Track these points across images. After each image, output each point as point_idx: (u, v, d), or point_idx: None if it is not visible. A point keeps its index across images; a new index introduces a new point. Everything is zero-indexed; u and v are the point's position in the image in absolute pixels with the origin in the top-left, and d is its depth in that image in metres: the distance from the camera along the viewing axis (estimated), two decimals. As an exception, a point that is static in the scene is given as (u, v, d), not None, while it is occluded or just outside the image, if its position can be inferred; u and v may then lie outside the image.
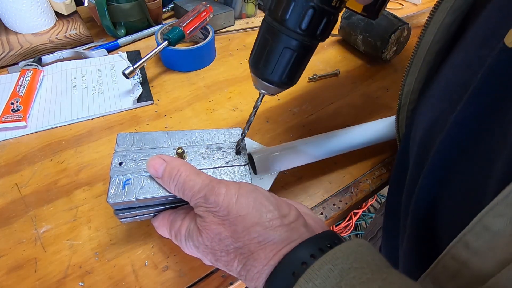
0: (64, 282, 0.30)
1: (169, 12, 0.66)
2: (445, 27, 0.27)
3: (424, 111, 0.28)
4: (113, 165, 0.28)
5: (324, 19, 0.21)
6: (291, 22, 0.21)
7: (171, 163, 0.26)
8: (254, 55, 0.25)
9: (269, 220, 0.22)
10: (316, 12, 0.20)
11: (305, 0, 0.20)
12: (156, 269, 0.31)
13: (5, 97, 0.45)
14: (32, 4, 0.52)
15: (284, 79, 0.24)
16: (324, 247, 0.20)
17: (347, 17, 0.56)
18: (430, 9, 0.70)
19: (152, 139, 0.30)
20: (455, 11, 0.26)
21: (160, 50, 0.48)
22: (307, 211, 0.27)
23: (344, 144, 0.37)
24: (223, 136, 0.31)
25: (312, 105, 0.48)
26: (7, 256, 0.31)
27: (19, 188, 0.36)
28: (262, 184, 0.32)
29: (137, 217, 0.28)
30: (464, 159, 0.21)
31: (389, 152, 0.43)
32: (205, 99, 0.48)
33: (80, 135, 0.42)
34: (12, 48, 0.51)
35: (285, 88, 0.25)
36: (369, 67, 0.56)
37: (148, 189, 0.26)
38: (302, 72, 0.25)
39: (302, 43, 0.22)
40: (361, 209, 1.26)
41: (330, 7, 0.21)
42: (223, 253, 0.23)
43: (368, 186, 0.39)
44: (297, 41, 0.22)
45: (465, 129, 0.21)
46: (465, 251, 0.17)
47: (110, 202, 0.25)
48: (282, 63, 0.23)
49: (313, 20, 0.21)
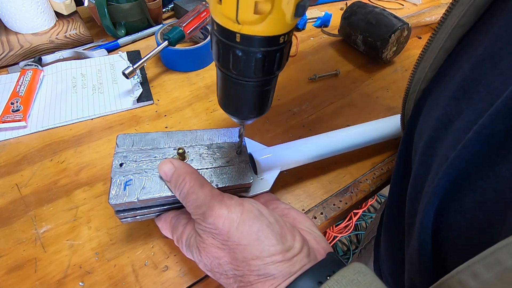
0: (64, 282, 0.30)
1: (169, 12, 0.66)
2: (474, 9, 0.23)
3: (435, 105, 0.25)
4: (114, 166, 0.27)
5: (277, 56, 0.20)
6: (245, 72, 0.20)
7: (178, 169, 0.25)
8: (222, 101, 0.25)
9: (271, 255, 0.21)
10: (266, 57, 0.20)
11: (251, 50, 0.19)
12: (156, 269, 0.31)
13: (5, 97, 0.45)
14: (32, 4, 0.51)
15: (259, 111, 0.24)
16: (323, 279, 0.20)
17: (347, 17, 0.56)
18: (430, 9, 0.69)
19: (152, 140, 0.30)
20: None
21: (160, 50, 0.48)
22: (309, 227, 0.26)
23: (345, 143, 0.37)
24: (223, 136, 0.31)
25: (312, 105, 0.48)
26: (7, 256, 0.31)
27: (19, 188, 0.36)
28: (263, 184, 0.32)
29: (138, 217, 0.28)
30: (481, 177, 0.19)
31: (389, 152, 0.43)
32: (205, 99, 0.48)
33: (80, 135, 0.42)
34: (12, 48, 0.51)
35: (261, 115, 0.25)
36: (369, 67, 0.56)
37: (149, 189, 0.26)
38: (273, 96, 0.25)
39: (263, 81, 0.22)
40: (361, 209, 1.26)
41: (278, 45, 0.20)
42: (222, 276, 0.22)
43: (368, 186, 0.39)
44: (256, 83, 0.22)
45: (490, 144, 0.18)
46: (474, 281, 0.16)
47: (112, 203, 0.25)
48: (251, 102, 0.23)
49: (266, 64, 0.20)
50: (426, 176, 0.23)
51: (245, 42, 0.19)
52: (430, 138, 0.24)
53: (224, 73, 0.22)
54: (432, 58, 0.27)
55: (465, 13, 0.23)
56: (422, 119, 0.27)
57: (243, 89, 0.22)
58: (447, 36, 0.25)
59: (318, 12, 0.68)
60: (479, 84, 0.20)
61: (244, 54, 0.19)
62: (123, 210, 0.27)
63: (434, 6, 0.66)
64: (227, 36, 0.19)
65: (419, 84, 0.29)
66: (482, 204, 0.19)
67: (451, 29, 0.25)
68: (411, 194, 0.26)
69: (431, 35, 0.27)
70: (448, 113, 0.22)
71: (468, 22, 0.24)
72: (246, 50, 0.19)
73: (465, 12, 0.23)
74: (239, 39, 0.19)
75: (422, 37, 0.65)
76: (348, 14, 0.56)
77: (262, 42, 0.19)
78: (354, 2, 0.58)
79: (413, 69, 0.30)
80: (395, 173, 0.32)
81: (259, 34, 0.18)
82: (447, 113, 0.23)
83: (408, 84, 0.31)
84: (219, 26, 0.19)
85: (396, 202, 0.32)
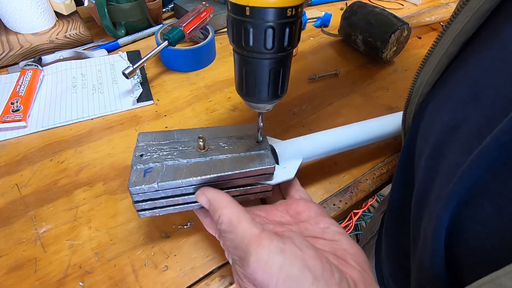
0: (64, 282, 0.30)
1: (169, 12, 0.66)
2: (479, 15, 0.23)
3: (441, 109, 0.25)
4: (134, 158, 0.27)
5: (286, 31, 0.21)
6: (256, 47, 0.22)
7: (213, 202, 0.24)
8: (238, 84, 0.26)
9: None
10: (275, 29, 0.21)
11: (261, 23, 0.20)
12: (156, 269, 0.31)
13: (5, 97, 0.45)
14: (32, 4, 0.52)
15: (273, 94, 0.25)
16: None
17: (347, 17, 0.56)
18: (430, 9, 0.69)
19: (173, 135, 0.30)
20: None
21: (160, 50, 0.48)
22: (362, 264, 0.24)
23: (365, 136, 0.36)
24: (241, 131, 0.31)
25: (312, 105, 0.48)
26: (7, 256, 0.31)
27: (19, 188, 0.36)
28: (286, 172, 0.31)
29: (157, 211, 0.27)
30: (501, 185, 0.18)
31: (389, 152, 0.43)
32: (205, 99, 0.48)
33: (80, 135, 0.42)
34: (12, 48, 0.51)
35: (279, 99, 0.26)
36: (369, 67, 0.56)
37: (170, 175, 0.25)
38: (288, 79, 0.26)
39: (275, 59, 0.23)
40: (361, 209, 1.26)
41: (287, 19, 0.21)
42: None
43: (368, 186, 0.39)
44: (269, 60, 0.23)
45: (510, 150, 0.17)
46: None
47: (131, 189, 0.25)
48: (264, 83, 0.24)
49: (276, 37, 0.21)
50: (433, 180, 0.23)
51: (254, 15, 0.20)
52: (436, 142, 0.23)
53: (239, 54, 0.23)
54: (436, 62, 0.27)
55: (469, 19, 0.23)
56: (425, 123, 0.27)
57: (256, 67, 0.23)
58: (451, 41, 0.25)
59: (318, 12, 0.68)
60: (489, 88, 0.20)
61: (254, 27, 0.21)
62: (142, 200, 0.26)
63: (434, 6, 0.66)
64: (238, 12, 0.21)
65: (421, 87, 0.29)
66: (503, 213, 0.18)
67: (455, 34, 0.25)
68: (418, 198, 0.25)
69: (436, 40, 0.27)
70: (455, 117, 0.22)
71: (471, 28, 0.24)
72: (255, 23, 0.20)
73: (470, 18, 0.23)
74: (248, 12, 0.20)
75: (422, 37, 0.65)
76: (348, 14, 0.56)
77: (270, 14, 0.20)
78: (354, 2, 0.58)
79: (417, 72, 0.29)
80: (396, 177, 0.32)
81: (267, 6, 0.20)
82: (454, 117, 0.22)
83: (411, 88, 0.30)
84: (231, 3, 0.21)
85: (398, 206, 0.32)
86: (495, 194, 0.18)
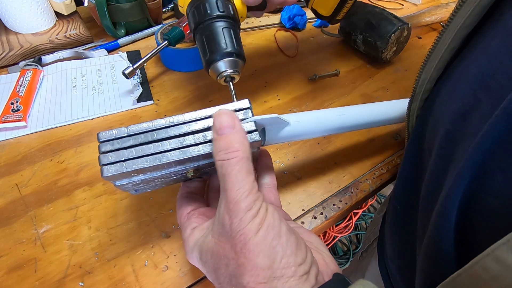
0: (64, 282, 0.30)
1: (169, 12, 0.66)
2: (480, 8, 0.23)
3: (448, 101, 0.25)
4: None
5: (230, 5, 0.34)
6: (213, 12, 0.32)
7: (237, 133, 0.21)
8: (203, 55, 0.33)
9: (282, 268, 0.19)
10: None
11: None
12: (156, 269, 0.31)
13: (5, 97, 0.45)
14: (32, 4, 0.51)
15: (231, 46, 0.32)
16: None
17: (347, 17, 0.56)
18: (430, 9, 0.69)
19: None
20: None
21: (160, 50, 0.48)
22: (317, 246, 0.24)
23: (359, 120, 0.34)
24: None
25: (312, 105, 0.48)
26: (7, 256, 0.31)
27: (19, 188, 0.36)
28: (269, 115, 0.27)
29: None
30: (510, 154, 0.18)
31: (389, 152, 0.43)
32: (205, 99, 0.48)
33: (80, 135, 0.42)
34: (12, 48, 0.51)
35: (240, 58, 0.33)
36: (369, 67, 0.56)
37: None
38: (240, 41, 0.34)
39: (228, 22, 0.33)
40: (361, 209, 1.26)
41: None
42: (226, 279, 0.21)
43: (368, 186, 0.39)
44: (225, 21, 0.33)
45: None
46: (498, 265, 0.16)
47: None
48: (221, 37, 0.32)
49: (224, 5, 0.33)
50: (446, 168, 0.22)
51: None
52: (447, 132, 0.23)
53: (200, 27, 0.33)
54: (438, 58, 0.27)
55: (470, 13, 0.24)
56: (433, 117, 0.27)
57: (213, 29, 0.33)
58: (453, 36, 0.25)
59: (318, 12, 0.68)
60: (497, 73, 0.20)
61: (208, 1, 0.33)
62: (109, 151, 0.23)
63: (434, 6, 0.66)
64: None
65: (424, 84, 0.29)
66: None
67: (457, 29, 0.25)
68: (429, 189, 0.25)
69: (437, 37, 0.27)
70: (465, 104, 0.22)
71: (472, 22, 0.24)
72: None
73: (471, 12, 0.24)
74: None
75: (422, 37, 0.65)
76: (348, 14, 0.56)
77: None
78: (354, 2, 0.58)
79: (420, 69, 0.30)
80: (402, 174, 0.31)
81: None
82: (464, 105, 0.22)
83: (415, 84, 0.31)
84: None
85: (405, 202, 0.31)
86: (505, 164, 0.18)
